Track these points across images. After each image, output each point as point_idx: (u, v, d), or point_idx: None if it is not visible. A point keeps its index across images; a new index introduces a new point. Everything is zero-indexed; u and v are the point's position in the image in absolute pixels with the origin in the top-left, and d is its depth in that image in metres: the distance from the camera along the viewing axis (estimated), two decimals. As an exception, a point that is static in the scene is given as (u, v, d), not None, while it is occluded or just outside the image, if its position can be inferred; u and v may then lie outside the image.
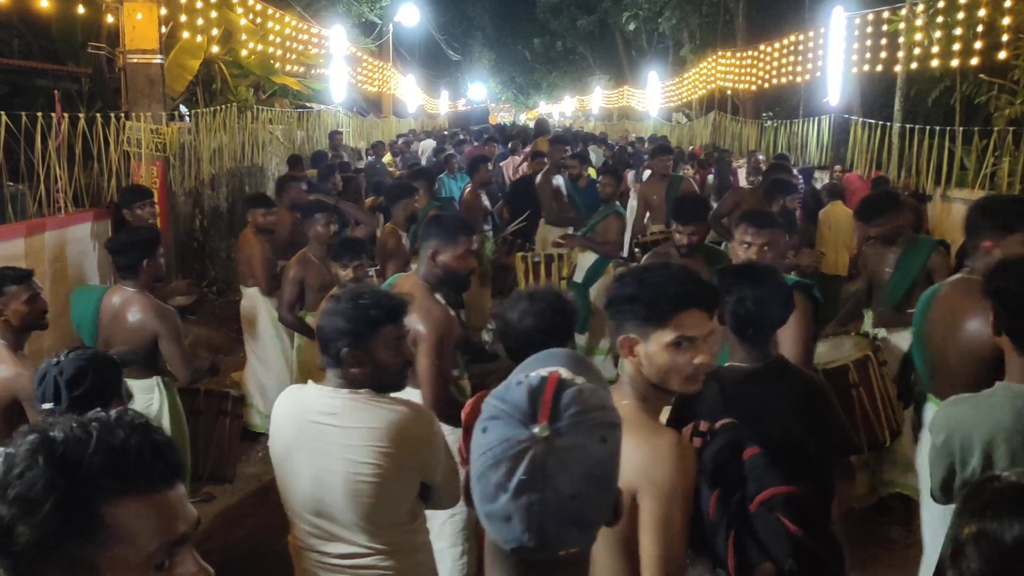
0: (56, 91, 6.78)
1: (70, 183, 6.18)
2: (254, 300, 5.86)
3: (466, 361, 3.86)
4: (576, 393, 1.09)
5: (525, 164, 10.85)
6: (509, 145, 13.98)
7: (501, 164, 12.37)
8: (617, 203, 6.94)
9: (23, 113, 5.59)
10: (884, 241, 4.56)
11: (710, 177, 11.71)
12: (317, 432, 2.42)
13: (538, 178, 8.39)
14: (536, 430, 1.05)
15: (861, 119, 11.17)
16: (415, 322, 3.13)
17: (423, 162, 12.11)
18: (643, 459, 1.85)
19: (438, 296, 3.49)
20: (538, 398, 1.08)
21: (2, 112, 5.43)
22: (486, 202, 8.03)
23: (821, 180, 12.54)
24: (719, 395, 2.34)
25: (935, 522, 2.98)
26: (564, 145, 9.03)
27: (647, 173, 10.68)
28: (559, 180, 8.06)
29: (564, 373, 1.12)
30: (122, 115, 6.72)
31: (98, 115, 6.47)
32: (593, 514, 1.09)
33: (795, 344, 2.98)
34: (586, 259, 6.68)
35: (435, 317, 3.31)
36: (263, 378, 5.87)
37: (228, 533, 4.76)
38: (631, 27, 25.90)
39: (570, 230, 7.45)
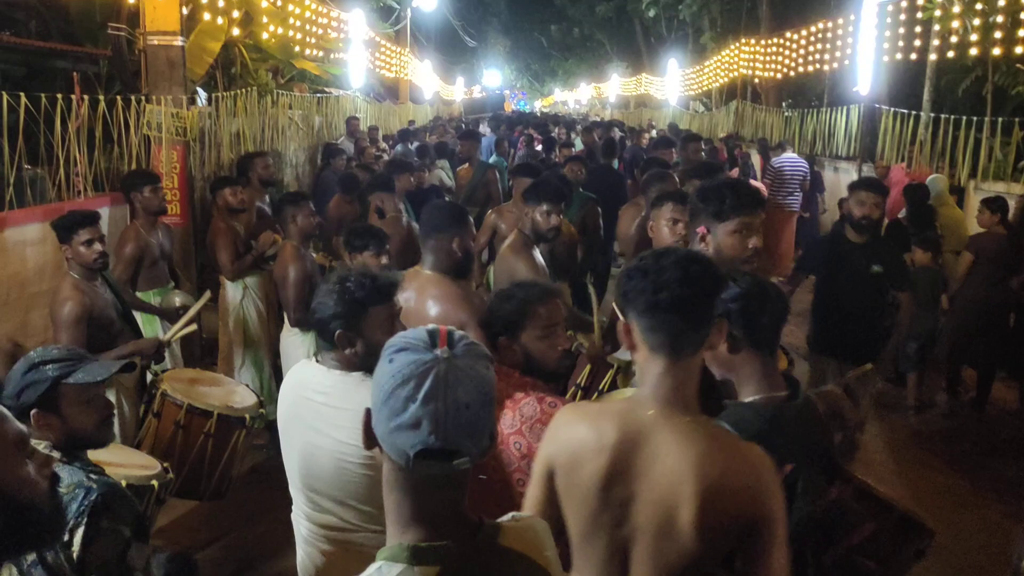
0: (75, 73, 6.65)
1: (90, 167, 6.07)
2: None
3: None
4: (462, 334, 1.36)
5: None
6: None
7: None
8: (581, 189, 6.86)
9: (43, 95, 5.46)
10: None
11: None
12: (309, 408, 2.49)
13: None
14: (438, 352, 1.30)
15: (892, 108, 10.92)
16: (456, 313, 3.15)
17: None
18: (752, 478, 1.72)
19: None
20: (436, 333, 1.33)
21: (21, 94, 5.30)
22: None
23: (846, 171, 12.34)
24: (778, 433, 2.01)
25: None
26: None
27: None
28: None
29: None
30: (143, 98, 6.58)
31: (118, 98, 6.34)
32: (481, 424, 1.31)
33: None
34: None
35: (476, 304, 3.27)
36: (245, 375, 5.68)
37: (249, 529, 4.69)
38: (651, 14, 25.61)
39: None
